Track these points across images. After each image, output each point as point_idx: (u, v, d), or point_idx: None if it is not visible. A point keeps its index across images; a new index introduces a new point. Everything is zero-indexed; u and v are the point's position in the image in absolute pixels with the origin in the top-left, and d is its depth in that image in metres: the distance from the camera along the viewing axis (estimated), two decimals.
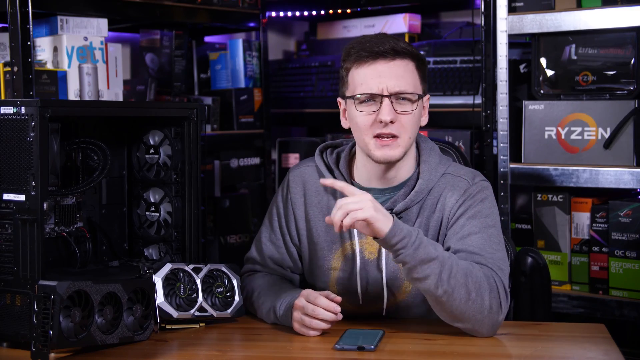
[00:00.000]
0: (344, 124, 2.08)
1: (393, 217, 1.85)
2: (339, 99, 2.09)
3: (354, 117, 2.01)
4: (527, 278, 2.25)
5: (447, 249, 1.99)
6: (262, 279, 2.16)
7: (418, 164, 2.08)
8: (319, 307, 1.91)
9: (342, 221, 1.82)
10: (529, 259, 2.26)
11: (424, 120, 2.07)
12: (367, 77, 1.97)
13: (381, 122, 1.95)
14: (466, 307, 1.86)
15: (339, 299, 1.93)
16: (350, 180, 2.10)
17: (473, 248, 1.95)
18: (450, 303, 1.86)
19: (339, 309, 1.92)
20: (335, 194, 2.09)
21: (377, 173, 2.05)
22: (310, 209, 2.12)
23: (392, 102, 1.96)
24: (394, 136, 1.97)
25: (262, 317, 2.08)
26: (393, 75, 1.97)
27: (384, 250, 2.04)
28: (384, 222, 1.82)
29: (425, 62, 2.04)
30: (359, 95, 1.98)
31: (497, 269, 1.93)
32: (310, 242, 2.13)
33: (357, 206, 1.82)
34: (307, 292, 1.96)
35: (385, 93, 1.96)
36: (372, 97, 1.97)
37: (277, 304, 2.02)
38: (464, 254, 1.95)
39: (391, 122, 1.95)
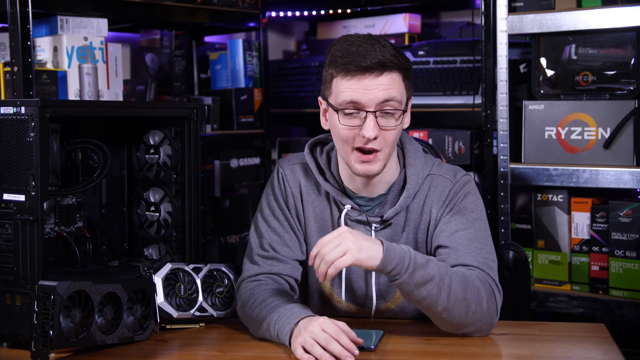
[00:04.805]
0: (324, 124, 2.03)
1: (382, 243, 1.81)
2: (320, 99, 2.03)
3: (336, 127, 1.95)
4: (510, 272, 2.26)
5: (437, 247, 1.98)
6: (258, 288, 2.00)
7: (403, 166, 2.05)
8: (334, 342, 1.76)
9: (326, 272, 1.78)
10: (511, 253, 2.27)
11: (407, 123, 2.02)
12: (352, 91, 1.90)
13: (364, 137, 1.91)
14: (466, 318, 1.86)
15: (359, 341, 1.79)
16: (341, 182, 2.07)
17: (461, 246, 1.94)
18: (451, 318, 1.86)
19: (357, 352, 1.76)
20: (328, 197, 2.07)
21: (359, 178, 2.01)
22: (306, 206, 2.09)
23: (376, 118, 1.91)
24: (375, 150, 1.93)
25: (254, 332, 1.95)
26: (380, 88, 1.90)
27: None
28: (372, 257, 1.79)
29: (410, 69, 1.98)
30: (343, 108, 1.92)
31: (488, 267, 1.93)
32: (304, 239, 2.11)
33: (338, 252, 1.77)
34: (326, 320, 1.80)
35: (370, 109, 1.90)
36: (357, 111, 1.91)
37: (274, 317, 1.88)
38: (453, 252, 1.94)
39: (374, 138, 1.91)
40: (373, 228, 2.03)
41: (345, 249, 1.78)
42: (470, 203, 2.01)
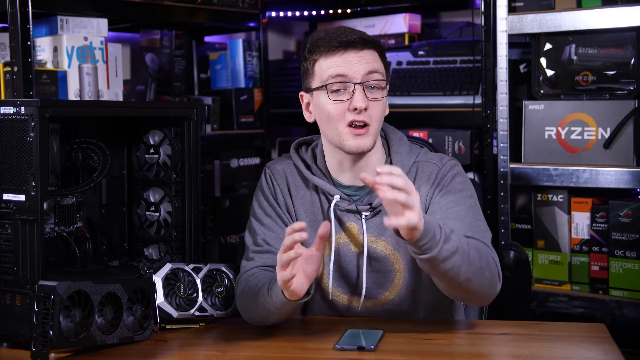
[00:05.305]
0: (308, 117, 2.07)
1: (423, 215, 1.76)
2: (302, 93, 2.08)
3: (324, 106, 1.99)
4: (511, 272, 2.26)
5: None
6: (252, 276, 2.04)
7: (389, 155, 2.08)
8: (284, 254, 1.78)
9: (382, 191, 1.68)
10: (512, 254, 2.28)
11: (386, 111, 2.06)
12: (337, 66, 1.97)
13: (355, 109, 1.95)
14: (482, 286, 1.87)
15: (302, 224, 1.78)
16: (329, 175, 2.08)
17: (454, 221, 1.95)
18: (470, 287, 1.86)
19: (306, 235, 1.77)
20: (317, 190, 2.08)
21: (347, 163, 2.04)
22: (295, 201, 2.12)
23: (364, 90, 1.96)
24: (365, 124, 1.97)
25: (254, 317, 1.99)
26: (364, 61, 1.97)
27: (366, 246, 2.03)
28: (420, 223, 1.73)
29: (385, 55, 2.05)
30: (331, 83, 1.97)
31: (484, 237, 1.95)
32: None
33: (410, 201, 1.69)
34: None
35: (357, 80, 1.96)
36: (344, 86, 1.97)
37: (265, 285, 1.93)
38: (447, 228, 1.93)
39: (364, 109, 1.95)
40: (363, 217, 2.04)
41: (416, 206, 1.70)
42: (459, 183, 2.03)
